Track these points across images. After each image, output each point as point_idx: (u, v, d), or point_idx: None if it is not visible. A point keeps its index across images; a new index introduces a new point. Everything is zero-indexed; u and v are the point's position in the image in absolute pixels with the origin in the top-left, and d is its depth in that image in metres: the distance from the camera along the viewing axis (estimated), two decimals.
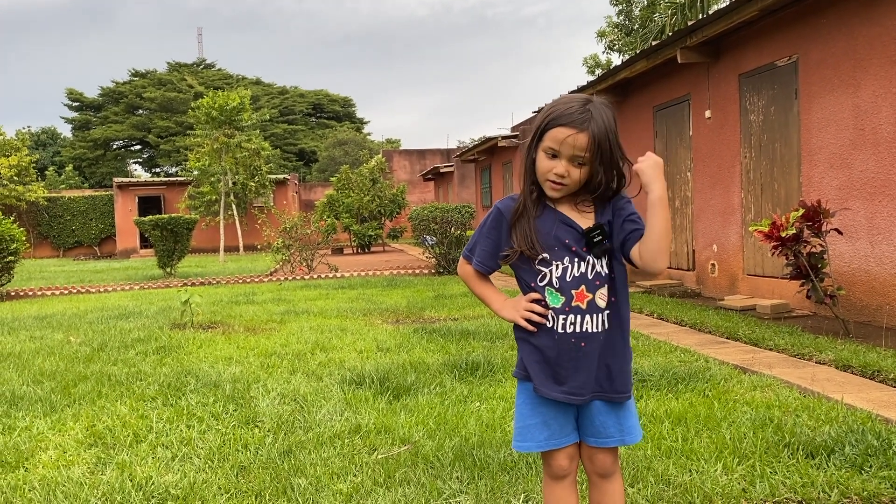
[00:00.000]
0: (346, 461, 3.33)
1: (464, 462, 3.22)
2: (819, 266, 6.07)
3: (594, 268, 2.01)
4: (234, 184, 26.17)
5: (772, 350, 5.51)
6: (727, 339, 6.09)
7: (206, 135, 25.22)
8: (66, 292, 13.12)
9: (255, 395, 4.55)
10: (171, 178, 35.45)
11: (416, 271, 14.64)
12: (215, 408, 4.29)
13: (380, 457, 3.38)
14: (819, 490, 2.83)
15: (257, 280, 14.22)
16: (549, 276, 2.02)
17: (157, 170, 54.08)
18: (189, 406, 4.36)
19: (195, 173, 26.53)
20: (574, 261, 2.00)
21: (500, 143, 19.10)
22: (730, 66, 8.58)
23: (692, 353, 5.43)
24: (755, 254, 8.20)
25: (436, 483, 3.02)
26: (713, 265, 9.14)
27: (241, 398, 4.49)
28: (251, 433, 3.81)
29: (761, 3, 7.11)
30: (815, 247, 6.07)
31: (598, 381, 2.03)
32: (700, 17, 14.28)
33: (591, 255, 2.00)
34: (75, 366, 5.74)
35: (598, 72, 27.74)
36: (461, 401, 4.27)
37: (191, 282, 14.20)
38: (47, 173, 42.59)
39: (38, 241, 33.38)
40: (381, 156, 29.78)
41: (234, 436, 3.76)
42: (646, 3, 26.75)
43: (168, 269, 16.00)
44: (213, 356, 5.97)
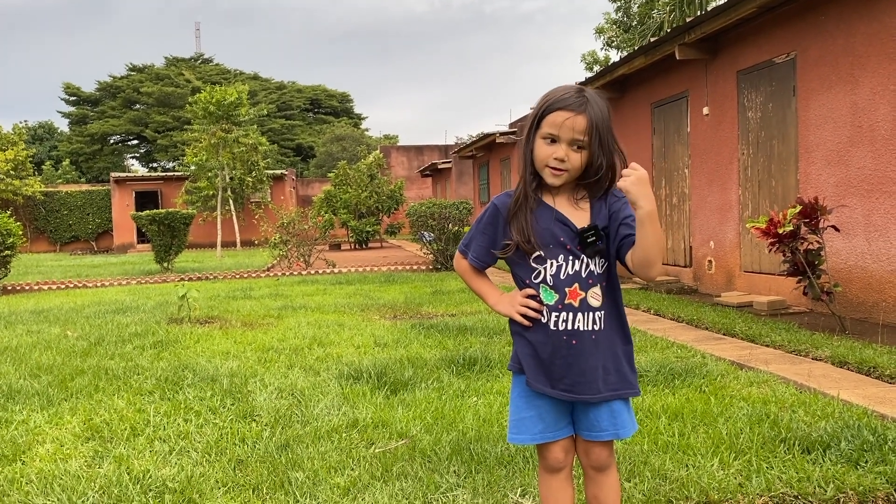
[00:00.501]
0: (343, 455, 3.33)
1: (461, 456, 3.23)
2: (816, 263, 6.09)
3: (588, 266, 2.03)
4: (231, 179, 26.12)
5: (768, 346, 5.52)
6: (724, 335, 6.10)
7: (203, 130, 25.16)
8: (63, 287, 13.10)
9: (252, 390, 4.55)
10: (169, 173, 35.42)
11: (414, 267, 14.64)
12: (213, 402, 4.29)
13: (377, 451, 3.38)
14: (815, 485, 2.84)
15: (254, 275, 14.22)
16: (543, 273, 2.04)
17: (155, 165, 53.98)
18: (186, 400, 4.36)
19: (192, 168, 26.48)
20: (568, 259, 2.02)
21: (497, 140, 19.09)
22: (728, 62, 8.59)
23: (689, 349, 5.44)
24: (752, 250, 8.21)
25: (433, 477, 3.02)
26: (710, 262, 9.15)
27: (238, 392, 4.49)
28: (249, 427, 3.81)
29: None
30: (812, 244, 6.09)
31: (592, 380, 2.03)
32: (698, 13, 14.28)
33: (585, 254, 2.02)
34: (72, 360, 5.74)
35: (597, 68, 27.71)
36: (458, 396, 4.28)
37: (188, 277, 14.19)
38: (44, 168, 42.54)
39: (34, 236, 33.33)
40: (378, 152, 29.75)
41: (232, 430, 3.76)
42: None
43: (165, 264, 15.98)
44: (210, 351, 5.97)
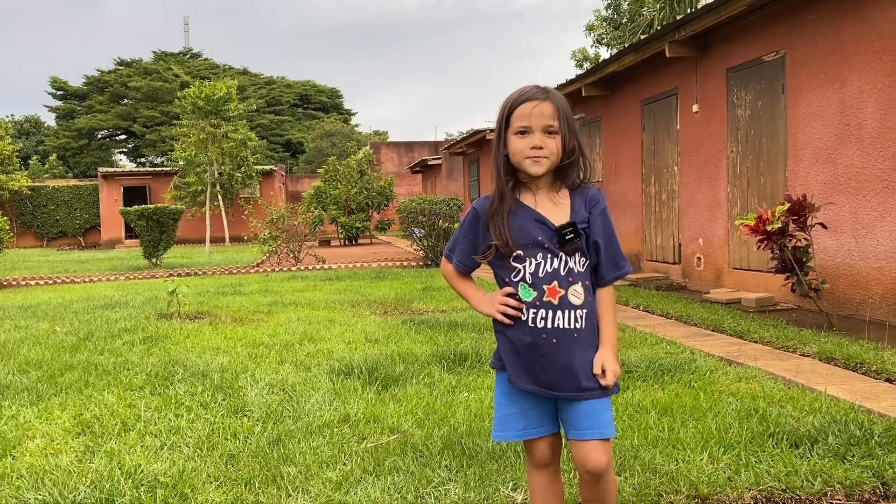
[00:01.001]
0: (335, 450, 3.34)
1: (452, 451, 3.24)
2: (804, 260, 6.14)
3: (567, 264, 2.05)
4: (220, 174, 26.02)
5: (757, 342, 5.57)
6: (713, 331, 6.14)
7: (192, 125, 25.03)
8: (51, 282, 13.02)
9: (243, 385, 4.55)
10: (157, 169, 35.20)
11: (404, 263, 14.64)
12: (203, 397, 4.28)
13: (369, 446, 3.39)
14: (802, 479, 2.87)
15: (244, 271, 14.18)
16: (522, 271, 2.06)
17: (143, 160, 53.65)
18: (177, 395, 4.35)
19: (181, 163, 26.35)
20: (547, 257, 2.05)
21: (488, 136, 19.09)
22: (718, 60, 8.63)
23: (678, 345, 5.48)
24: (741, 247, 8.27)
25: (425, 471, 3.04)
26: (699, 258, 9.21)
27: (229, 388, 4.49)
28: (240, 422, 3.81)
29: None
30: (800, 241, 6.14)
31: (573, 378, 2.05)
32: (689, 11, 14.33)
33: (563, 252, 2.04)
34: (61, 355, 5.71)
35: (587, 65, 27.78)
36: (450, 391, 4.29)
37: (177, 272, 14.13)
38: (31, 162, 42.20)
39: (21, 231, 33.07)
40: (368, 147, 29.71)
41: (223, 425, 3.76)
42: None
43: (154, 260, 15.91)
44: (200, 346, 5.95)
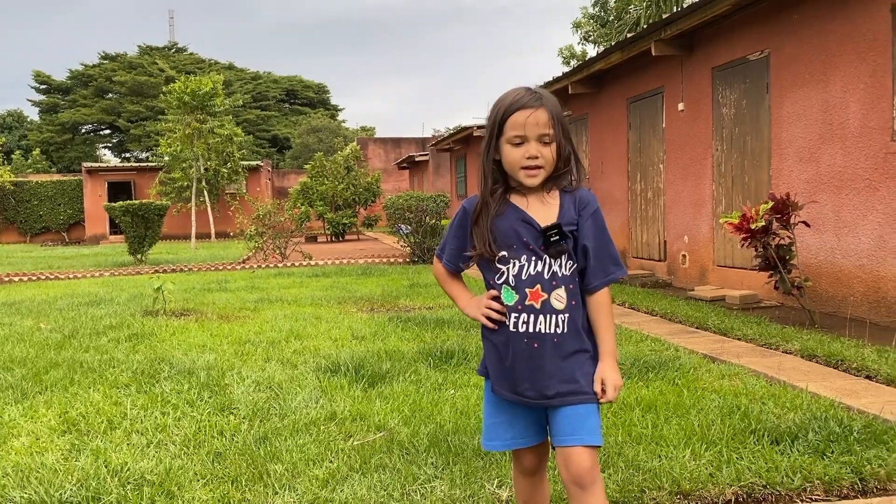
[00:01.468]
0: (321, 447, 3.35)
1: (439, 448, 3.27)
2: (787, 258, 6.20)
3: (551, 268, 2.01)
4: (205, 170, 25.87)
5: (740, 340, 5.63)
6: (697, 328, 6.20)
7: (177, 120, 24.86)
8: (35, 278, 12.92)
9: (229, 383, 4.55)
10: (142, 164, 34.94)
11: (391, 260, 14.65)
12: (190, 395, 4.28)
13: (355, 443, 3.41)
14: (783, 475, 2.92)
15: (230, 267, 14.13)
16: (506, 273, 2.03)
17: (127, 155, 53.22)
18: (163, 393, 4.35)
19: (166, 159, 26.20)
20: (531, 259, 2.00)
21: (475, 133, 19.13)
22: (703, 59, 8.69)
23: (662, 343, 5.53)
24: (725, 245, 8.34)
25: (411, 469, 3.06)
26: (684, 256, 9.28)
27: (215, 385, 4.49)
28: (226, 420, 3.81)
29: None
30: (783, 239, 6.21)
31: (553, 384, 2.00)
32: (675, 9, 14.40)
33: (548, 254, 2.00)
34: (46, 352, 5.68)
35: (574, 63, 27.85)
36: (436, 388, 4.31)
37: (162, 269, 14.07)
38: (14, 157, 41.73)
39: (4, 227, 32.75)
40: (355, 143, 29.64)
41: (210, 423, 3.76)
42: None
43: (139, 256, 15.81)
44: (186, 343, 5.94)
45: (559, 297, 2.00)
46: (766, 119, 7.59)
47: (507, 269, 2.03)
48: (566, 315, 2.01)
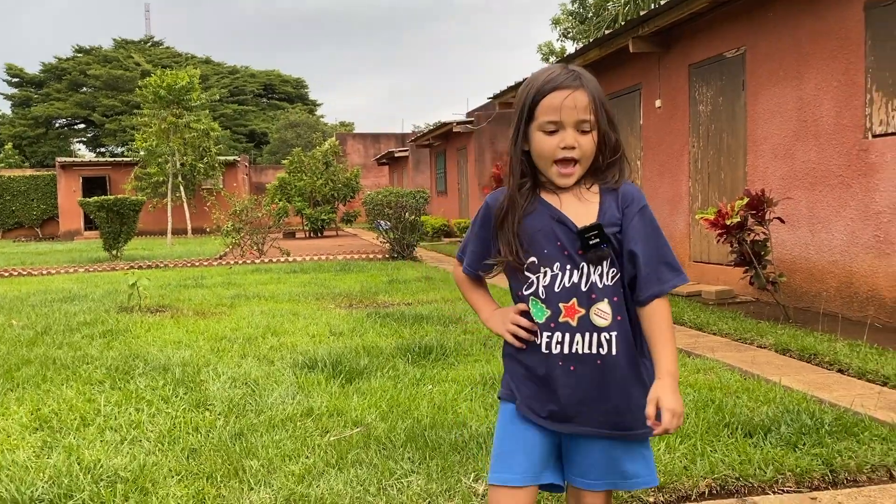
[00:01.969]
0: (298, 443, 3.34)
1: (416, 443, 3.26)
2: (762, 253, 6.27)
3: (589, 278, 1.69)
4: (182, 165, 25.63)
5: (715, 334, 5.69)
6: (673, 323, 6.24)
7: (153, 114, 24.60)
8: (7, 275, 12.72)
9: (205, 379, 4.51)
10: (117, 159, 34.55)
11: (370, 256, 14.61)
12: (165, 391, 4.24)
13: (332, 439, 3.40)
14: (756, 467, 2.95)
15: (206, 264, 14.01)
16: (535, 284, 1.72)
17: (102, 150, 52.54)
18: (138, 389, 4.30)
19: (142, 154, 25.91)
20: (566, 268, 1.69)
21: (454, 129, 19.11)
22: (680, 56, 8.75)
23: None
24: (701, 241, 8.42)
25: (388, 463, 3.05)
26: None
27: (191, 382, 4.45)
28: (202, 416, 3.78)
29: None
30: (758, 235, 6.27)
31: (598, 414, 1.71)
32: (653, 6, 14.49)
33: (586, 260, 1.69)
34: (18, 349, 5.60)
35: (553, 59, 27.93)
36: (414, 384, 4.31)
37: (138, 265, 13.91)
38: None
39: None
40: (334, 139, 29.48)
41: (185, 419, 3.73)
42: None
43: (114, 252, 15.63)
44: (161, 340, 5.88)
45: (601, 313, 1.69)
46: (742, 116, 7.67)
47: (537, 278, 1.72)
48: (612, 333, 1.70)
